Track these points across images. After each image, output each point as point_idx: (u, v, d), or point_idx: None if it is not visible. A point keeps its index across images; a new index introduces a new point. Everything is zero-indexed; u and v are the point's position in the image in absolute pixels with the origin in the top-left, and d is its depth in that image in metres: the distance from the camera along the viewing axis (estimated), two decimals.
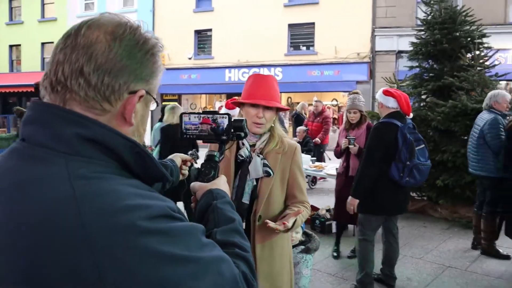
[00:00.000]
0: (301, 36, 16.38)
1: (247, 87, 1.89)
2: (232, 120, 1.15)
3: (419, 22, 7.56)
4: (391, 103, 3.48)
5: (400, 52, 13.82)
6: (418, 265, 4.25)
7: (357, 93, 4.49)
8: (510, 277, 3.98)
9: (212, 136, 1.15)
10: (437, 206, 6.20)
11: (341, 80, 15.37)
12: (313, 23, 15.82)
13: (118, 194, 0.65)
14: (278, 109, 1.89)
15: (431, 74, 6.97)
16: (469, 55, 6.40)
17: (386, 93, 3.53)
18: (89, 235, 0.60)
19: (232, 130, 1.15)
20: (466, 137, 5.53)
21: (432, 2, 6.96)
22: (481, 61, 6.38)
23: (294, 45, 16.56)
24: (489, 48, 6.68)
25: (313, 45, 16.05)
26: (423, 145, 3.49)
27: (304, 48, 16.49)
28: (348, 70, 15.28)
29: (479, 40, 6.55)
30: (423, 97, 7.00)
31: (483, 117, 4.54)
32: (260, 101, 1.80)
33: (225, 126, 1.13)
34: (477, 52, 6.31)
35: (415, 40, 7.18)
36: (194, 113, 1.17)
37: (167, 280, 0.62)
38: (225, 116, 1.14)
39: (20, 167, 0.68)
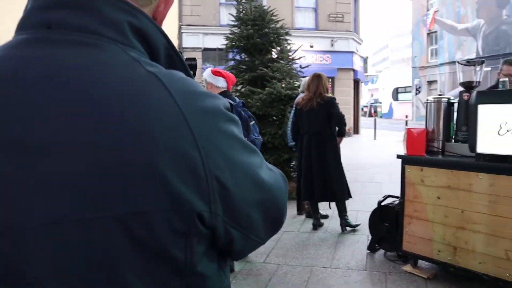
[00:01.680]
0: None
1: None
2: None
3: (223, 22, 8.17)
4: (221, 83, 3.65)
5: (206, 49, 14.55)
6: None
7: None
8: (331, 230, 4.73)
9: None
10: None
11: None
12: None
13: (190, 81, 0.62)
14: None
15: (244, 66, 7.62)
16: (278, 49, 7.24)
17: (216, 73, 3.68)
18: (184, 115, 0.55)
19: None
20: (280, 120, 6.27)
21: (243, 1, 7.61)
22: (288, 54, 7.30)
23: None
24: (292, 44, 7.68)
25: None
26: (253, 122, 3.84)
27: None
28: None
29: (284, 37, 7.49)
30: (238, 87, 7.62)
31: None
32: None
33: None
34: (286, 46, 7.18)
35: (222, 38, 7.76)
36: None
37: (251, 166, 0.63)
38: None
39: (67, 54, 0.56)
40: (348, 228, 4.73)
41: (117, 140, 0.51)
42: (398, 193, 4.08)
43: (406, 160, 3.51)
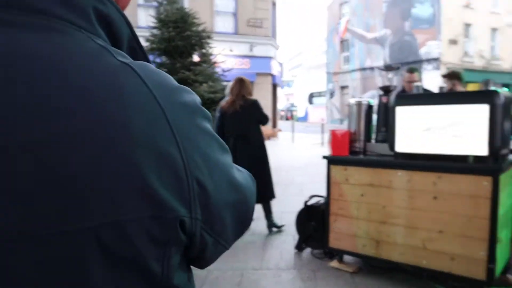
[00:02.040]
0: None
1: None
2: None
3: (141, 24, 7.97)
4: None
5: None
6: None
7: None
8: (258, 232, 4.78)
9: None
10: None
11: None
12: None
13: (164, 74, 0.57)
14: None
15: (165, 69, 7.47)
16: (202, 51, 7.20)
17: None
18: (163, 110, 0.51)
19: None
20: None
21: (164, 2, 7.46)
22: (210, 58, 7.29)
23: None
24: (214, 47, 7.68)
25: None
26: None
27: None
28: None
29: (206, 41, 7.47)
30: None
31: None
32: None
33: None
34: (208, 50, 7.16)
35: (141, 40, 7.53)
36: None
37: (226, 166, 0.60)
38: None
39: (26, 40, 0.48)
40: (274, 229, 4.81)
41: (90, 137, 0.45)
42: (318, 193, 4.25)
43: (331, 160, 3.66)
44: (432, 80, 17.40)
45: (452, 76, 4.28)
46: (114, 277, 0.47)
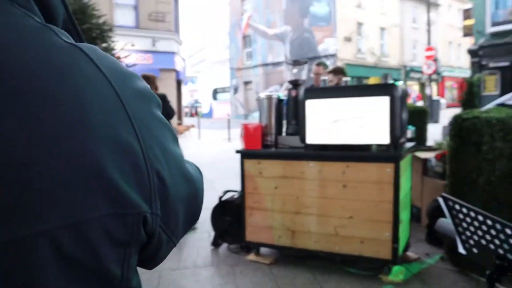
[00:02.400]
0: None
1: None
2: None
3: None
4: None
5: None
6: None
7: None
8: None
9: None
10: None
11: None
12: None
13: (114, 59, 0.52)
14: None
15: None
16: (103, 45, 6.79)
17: None
18: (120, 97, 0.46)
19: None
20: None
21: None
22: (112, 52, 6.91)
23: None
24: (116, 41, 7.30)
25: None
26: None
27: None
28: None
29: (108, 34, 7.06)
30: None
31: None
32: None
33: None
34: (110, 44, 6.78)
35: None
36: None
37: (179, 156, 0.56)
38: None
39: None
40: None
41: (40, 127, 0.38)
42: (231, 188, 4.27)
43: (244, 155, 3.67)
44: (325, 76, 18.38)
45: (337, 71, 4.55)
46: (71, 283, 0.41)
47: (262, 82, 29.86)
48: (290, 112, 3.70)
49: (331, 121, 3.24)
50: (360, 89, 3.28)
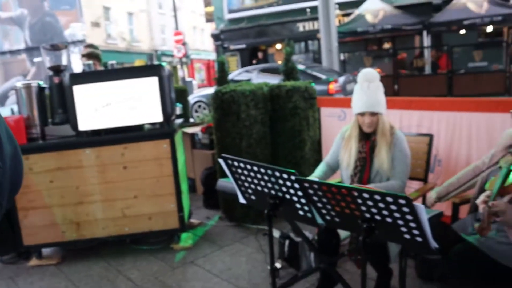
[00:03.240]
0: None
1: None
2: None
3: None
4: None
5: None
6: None
7: None
8: None
9: None
10: None
11: None
12: None
13: None
14: None
15: None
16: None
17: None
18: None
19: None
20: None
21: None
22: None
23: None
24: None
25: None
26: None
27: None
28: None
29: None
30: None
31: None
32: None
33: None
34: None
35: None
36: None
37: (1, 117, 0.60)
38: None
39: None
40: None
41: None
42: None
43: None
44: (79, 61, 17.43)
45: (91, 55, 4.40)
46: None
47: (0, 74, 25.90)
48: (55, 100, 3.47)
49: (102, 105, 3.21)
50: (129, 71, 3.34)
